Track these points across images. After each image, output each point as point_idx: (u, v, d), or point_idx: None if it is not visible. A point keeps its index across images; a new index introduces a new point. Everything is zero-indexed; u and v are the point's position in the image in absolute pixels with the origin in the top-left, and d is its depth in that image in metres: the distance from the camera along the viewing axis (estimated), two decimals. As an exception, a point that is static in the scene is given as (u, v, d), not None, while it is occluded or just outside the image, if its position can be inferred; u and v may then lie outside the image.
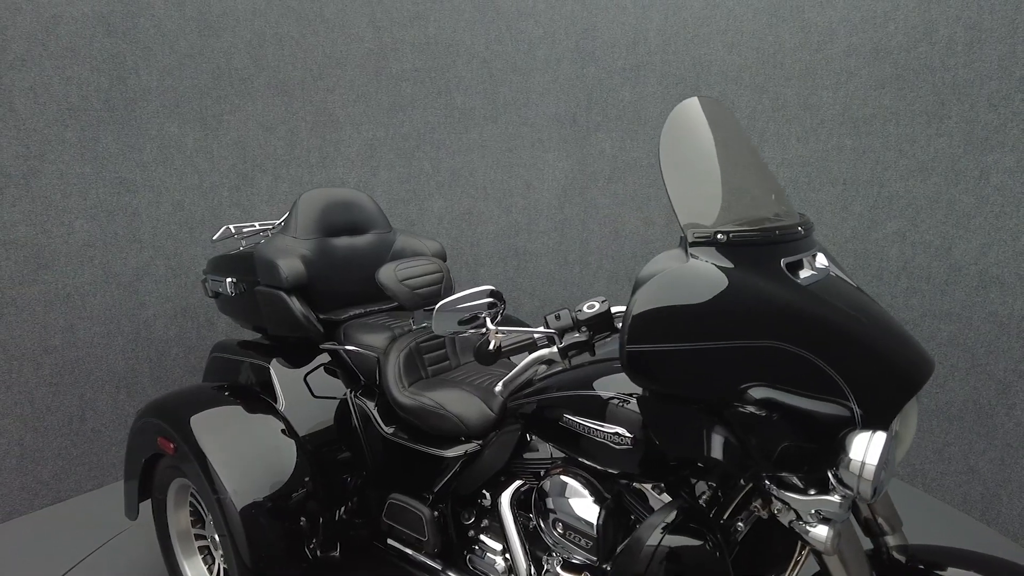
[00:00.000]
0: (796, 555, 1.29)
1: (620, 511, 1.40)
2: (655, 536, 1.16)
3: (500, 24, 3.32)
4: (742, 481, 1.33)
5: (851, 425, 1.03)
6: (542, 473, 1.58)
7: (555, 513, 1.42)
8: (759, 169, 1.31)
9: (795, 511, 1.11)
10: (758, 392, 1.04)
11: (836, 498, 1.05)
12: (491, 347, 1.17)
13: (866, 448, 0.97)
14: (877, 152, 2.64)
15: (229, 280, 2.11)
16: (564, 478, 1.43)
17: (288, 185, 3.12)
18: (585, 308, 1.20)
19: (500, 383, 1.26)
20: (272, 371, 1.94)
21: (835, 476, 1.03)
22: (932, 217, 2.51)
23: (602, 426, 1.31)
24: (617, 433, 1.29)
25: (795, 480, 1.12)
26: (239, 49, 2.89)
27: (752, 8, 2.94)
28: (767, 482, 1.11)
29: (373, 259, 2.28)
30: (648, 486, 1.38)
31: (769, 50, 2.93)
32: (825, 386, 1.03)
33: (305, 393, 1.97)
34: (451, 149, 3.46)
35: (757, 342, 1.03)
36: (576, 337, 1.18)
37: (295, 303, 1.93)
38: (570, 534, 1.39)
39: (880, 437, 0.98)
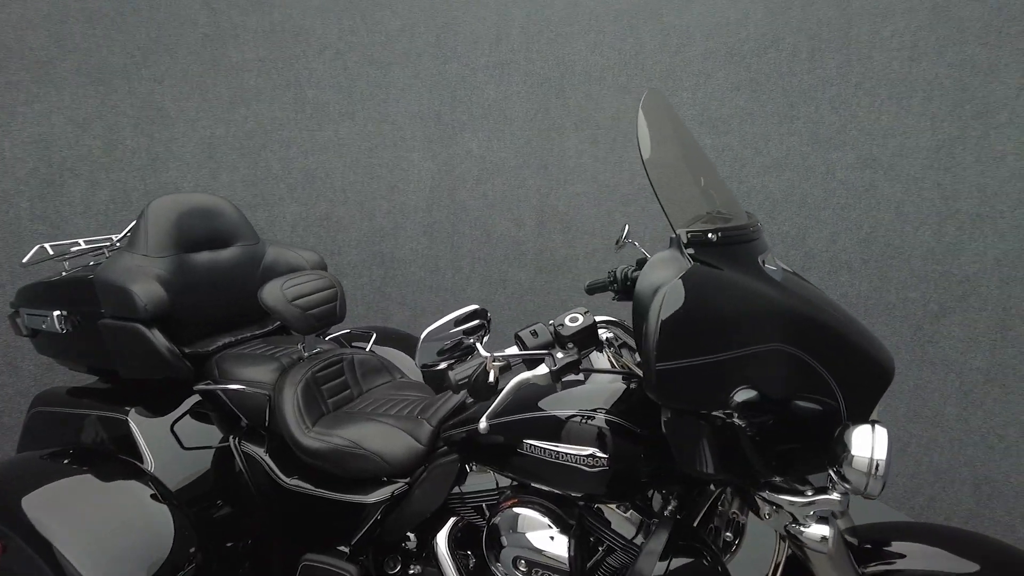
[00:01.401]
0: (775, 557, 1.28)
1: (585, 536, 1.30)
2: (659, 566, 1.07)
3: (354, 13, 3.06)
4: (712, 487, 1.29)
5: (836, 421, 1.03)
6: (485, 507, 1.44)
7: (516, 549, 1.28)
8: (709, 164, 1.29)
9: (791, 514, 1.08)
10: (760, 397, 1.00)
11: (837, 496, 1.04)
12: (491, 379, 0.99)
13: (871, 444, 0.96)
14: (735, 150, 2.83)
15: (56, 314, 1.66)
16: (520, 510, 1.30)
17: (109, 193, 2.59)
18: (567, 322, 1.07)
19: (483, 419, 1.08)
20: (132, 423, 1.55)
21: (837, 473, 1.01)
22: (787, 210, 2.74)
23: (573, 449, 1.19)
24: (592, 455, 1.18)
25: (782, 482, 1.10)
26: (34, 25, 2.32)
27: (613, 10, 2.99)
28: (765, 489, 1.08)
29: (240, 276, 1.95)
30: (613, 505, 1.30)
31: (630, 51, 3.01)
32: (813, 384, 1.03)
33: (175, 446, 1.61)
34: (303, 148, 3.12)
35: (766, 346, 0.98)
36: (563, 357, 1.04)
37: (157, 337, 1.57)
38: (536, 570, 1.26)
39: (882, 432, 0.98)
